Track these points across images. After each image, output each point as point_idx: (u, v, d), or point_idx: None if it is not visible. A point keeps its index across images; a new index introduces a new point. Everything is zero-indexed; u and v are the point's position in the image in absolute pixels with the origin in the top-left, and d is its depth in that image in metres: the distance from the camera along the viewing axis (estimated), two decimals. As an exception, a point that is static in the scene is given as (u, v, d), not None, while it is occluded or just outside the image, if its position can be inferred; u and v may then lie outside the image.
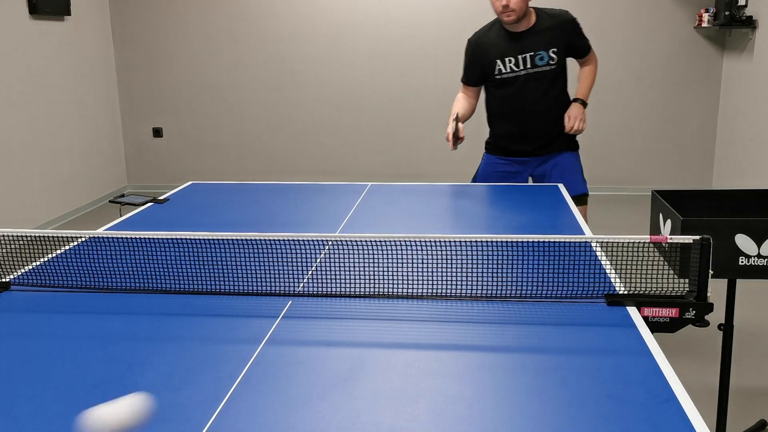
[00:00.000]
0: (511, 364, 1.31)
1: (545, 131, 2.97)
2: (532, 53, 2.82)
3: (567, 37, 2.86)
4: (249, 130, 6.45)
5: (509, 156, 3.04)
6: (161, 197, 2.72)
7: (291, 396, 1.21)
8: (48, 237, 1.87)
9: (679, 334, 1.69)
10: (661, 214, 2.07)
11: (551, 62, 2.84)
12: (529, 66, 2.84)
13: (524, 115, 2.94)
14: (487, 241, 1.99)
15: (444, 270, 1.83)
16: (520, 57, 2.83)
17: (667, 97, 6.02)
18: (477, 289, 1.68)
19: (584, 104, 2.90)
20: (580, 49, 2.95)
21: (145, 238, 2.08)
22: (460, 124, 2.82)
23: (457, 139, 2.79)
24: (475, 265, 1.85)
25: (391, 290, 1.69)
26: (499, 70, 2.87)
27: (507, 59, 2.85)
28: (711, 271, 1.53)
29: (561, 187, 2.81)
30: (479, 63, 2.92)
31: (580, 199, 2.92)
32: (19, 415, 1.16)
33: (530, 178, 3.08)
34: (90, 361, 1.35)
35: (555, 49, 2.83)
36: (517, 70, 2.85)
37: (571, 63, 2.98)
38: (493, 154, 3.09)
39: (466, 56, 2.97)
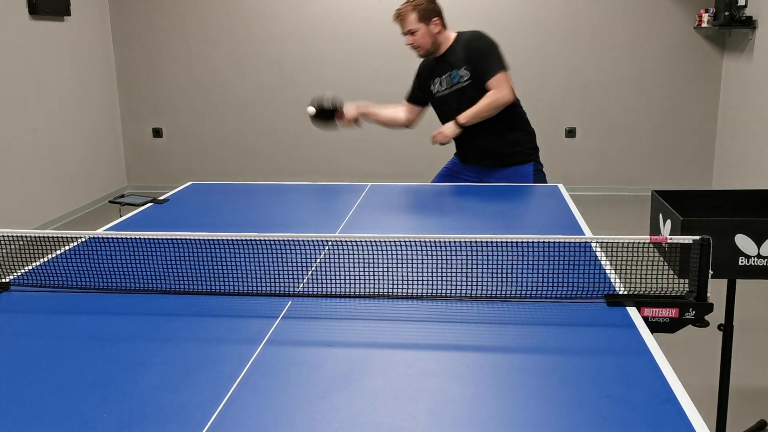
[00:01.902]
0: (511, 364, 1.31)
1: (485, 143, 3.04)
2: (448, 73, 3.00)
3: (470, 55, 2.93)
4: (249, 131, 6.44)
5: (468, 164, 3.16)
6: (161, 197, 2.72)
7: (291, 396, 1.21)
8: (48, 237, 1.87)
9: (679, 334, 1.69)
10: (661, 214, 2.07)
11: (464, 78, 2.95)
12: (448, 85, 3.00)
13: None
14: (487, 241, 1.99)
15: (444, 270, 1.83)
16: (442, 78, 3.03)
17: (667, 97, 6.02)
18: (477, 289, 1.68)
19: (457, 123, 2.94)
20: (480, 73, 2.91)
21: (145, 238, 2.08)
22: (365, 110, 3.16)
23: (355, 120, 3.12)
24: (474, 265, 1.85)
25: (391, 290, 1.69)
26: (434, 89, 3.08)
27: (436, 80, 3.06)
28: (711, 272, 1.53)
29: (561, 187, 2.81)
30: (421, 82, 3.13)
31: None
32: (18, 415, 1.16)
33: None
34: (90, 361, 1.35)
35: (465, 66, 2.94)
36: (442, 89, 3.03)
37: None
38: (458, 158, 3.22)
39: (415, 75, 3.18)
